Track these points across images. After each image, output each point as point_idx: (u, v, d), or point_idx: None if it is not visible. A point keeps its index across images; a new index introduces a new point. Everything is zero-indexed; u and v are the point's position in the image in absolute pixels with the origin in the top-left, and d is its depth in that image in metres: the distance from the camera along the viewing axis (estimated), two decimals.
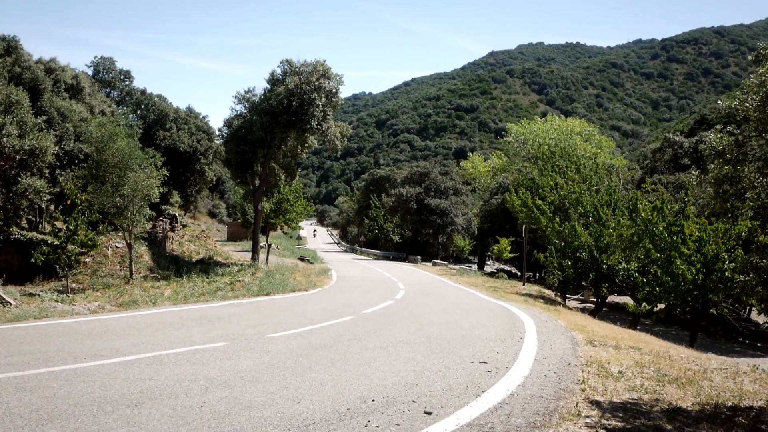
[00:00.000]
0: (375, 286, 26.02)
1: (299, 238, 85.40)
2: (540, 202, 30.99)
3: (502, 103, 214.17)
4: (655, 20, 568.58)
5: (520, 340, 11.21)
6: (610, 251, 24.74)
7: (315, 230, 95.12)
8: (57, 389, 6.14)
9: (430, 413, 5.76)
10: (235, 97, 38.21)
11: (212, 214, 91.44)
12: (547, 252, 28.49)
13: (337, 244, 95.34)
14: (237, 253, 46.63)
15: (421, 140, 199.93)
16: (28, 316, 13.05)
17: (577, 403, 6.49)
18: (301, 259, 46.33)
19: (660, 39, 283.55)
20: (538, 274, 54.74)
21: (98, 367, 7.41)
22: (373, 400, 6.19)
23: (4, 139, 27.05)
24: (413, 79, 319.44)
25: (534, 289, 31.14)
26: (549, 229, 28.37)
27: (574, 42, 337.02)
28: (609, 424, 5.78)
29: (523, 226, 34.23)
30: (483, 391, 6.82)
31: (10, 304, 15.82)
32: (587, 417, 5.98)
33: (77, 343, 9.56)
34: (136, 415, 5.24)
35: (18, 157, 27.78)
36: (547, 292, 30.25)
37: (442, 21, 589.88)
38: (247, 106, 38.25)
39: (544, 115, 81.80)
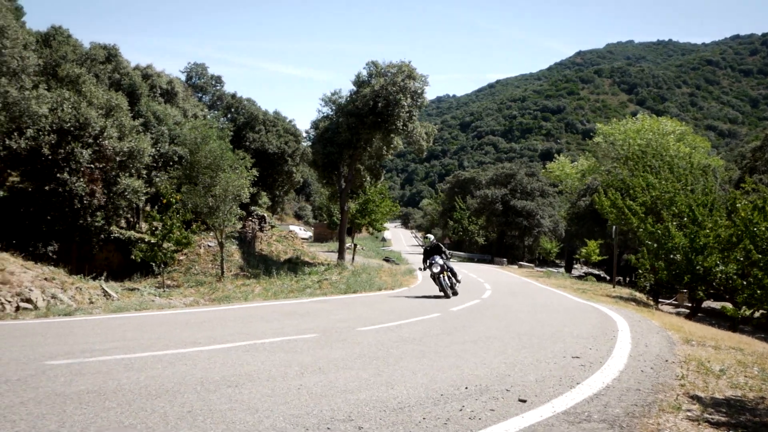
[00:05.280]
0: (460, 286, 25.91)
1: (384, 239, 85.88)
2: (631, 202, 30.14)
3: (589, 103, 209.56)
4: (754, 14, 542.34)
5: (613, 338, 10.95)
6: (706, 253, 23.78)
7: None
8: (162, 370, 6.42)
9: (524, 401, 5.72)
10: (322, 99, 38.88)
11: (298, 216, 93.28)
12: (639, 254, 27.67)
13: (422, 246, 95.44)
14: (323, 253, 47.37)
15: (506, 142, 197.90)
16: (129, 308, 13.64)
17: (677, 397, 6.29)
18: (386, 260, 46.63)
19: (760, 34, 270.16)
20: (628, 278, 53.24)
21: (198, 353, 7.68)
22: (466, 388, 6.18)
23: (106, 141, 28.42)
24: (498, 81, 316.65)
25: (624, 291, 30.33)
26: (641, 230, 27.53)
27: (666, 39, 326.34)
28: (712, 419, 5.58)
29: (613, 228, 33.39)
30: (577, 383, 6.71)
31: (113, 297, 16.59)
32: (688, 411, 5.79)
33: (176, 332, 9.94)
34: (238, 394, 5.42)
35: (118, 158, 29.12)
36: (639, 295, 29.41)
37: (528, 22, 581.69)
38: (334, 107, 38.85)
39: (634, 115, 79.43)
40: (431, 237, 20.06)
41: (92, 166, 27.99)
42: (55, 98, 28.09)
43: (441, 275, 18.48)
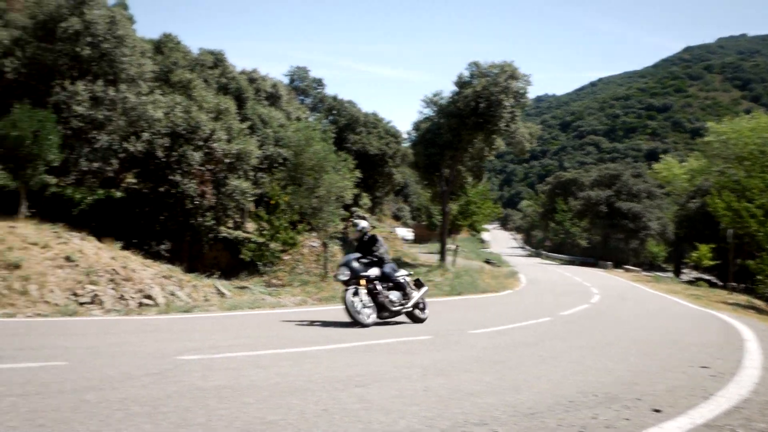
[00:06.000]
0: (567, 289, 25.35)
1: (482, 241, 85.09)
2: (748, 204, 28.66)
3: (698, 101, 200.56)
4: None
5: (740, 347, 10.41)
6: None
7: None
8: (288, 368, 6.55)
9: (659, 411, 5.48)
10: (423, 100, 38.92)
11: (396, 217, 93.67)
12: (758, 259, 26.30)
13: (522, 248, 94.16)
14: (423, 254, 47.35)
15: (609, 142, 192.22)
16: (243, 306, 14.05)
17: None
18: (487, 261, 46.14)
19: None
20: (744, 284, 50.58)
21: (318, 352, 7.80)
22: (595, 395, 6.00)
23: (215, 144, 29.44)
24: (600, 79, 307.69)
25: (742, 298, 28.85)
26: (761, 234, 26.14)
27: None
28: None
29: (728, 231, 31.85)
30: (711, 395, 6.39)
31: (226, 295, 17.14)
32: None
33: (291, 330, 10.16)
34: (366, 394, 5.44)
35: (227, 160, 30.11)
36: (758, 303, 27.88)
37: (632, 17, 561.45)
38: (435, 109, 38.82)
39: (747, 112, 75.36)
40: (363, 224, 12.05)
41: (203, 167, 29.04)
42: (168, 102, 29.34)
43: (351, 289, 10.82)
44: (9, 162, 21.58)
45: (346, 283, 11.01)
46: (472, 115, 34.95)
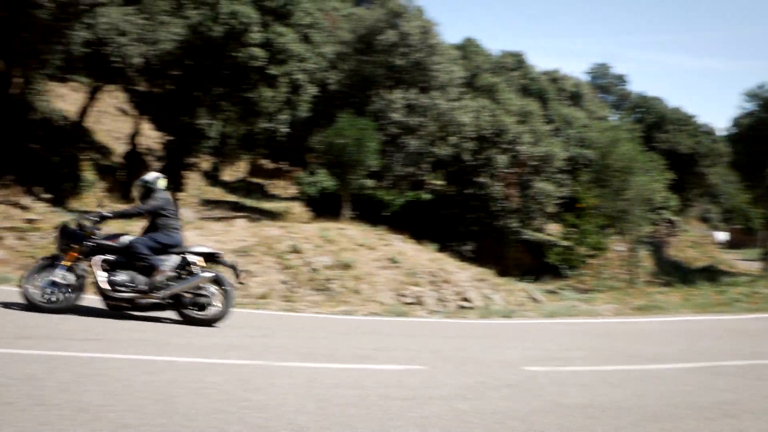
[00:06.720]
0: None
1: None
2: None
3: None
4: None
5: None
6: None
7: None
8: (639, 387, 6.30)
9: None
10: (746, 93, 35.50)
11: (704, 219, 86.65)
12: None
13: None
14: (740, 261, 43.15)
15: None
16: (560, 313, 13.91)
17: None
18: None
19: None
20: None
21: (662, 371, 7.45)
22: None
23: (521, 147, 29.71)
24: None
25: None
26: None
27: None
28: None
29: None
30: None
31: (539, 300, 17.13)
32: None
33: (619, 343, 9.84)
34: (741, 426, 4.96)
35: (531, 163, 30.23)
36: None
37: None
38: (759, 103, 35.25)
39: None
40: (150, 176, 8.17)
41: (508, 170, 29.47)
42: (476, 107, 30.24)
43: (43, 261, 7.65)
44: (335, 167, 23.93)
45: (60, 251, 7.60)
46: None
